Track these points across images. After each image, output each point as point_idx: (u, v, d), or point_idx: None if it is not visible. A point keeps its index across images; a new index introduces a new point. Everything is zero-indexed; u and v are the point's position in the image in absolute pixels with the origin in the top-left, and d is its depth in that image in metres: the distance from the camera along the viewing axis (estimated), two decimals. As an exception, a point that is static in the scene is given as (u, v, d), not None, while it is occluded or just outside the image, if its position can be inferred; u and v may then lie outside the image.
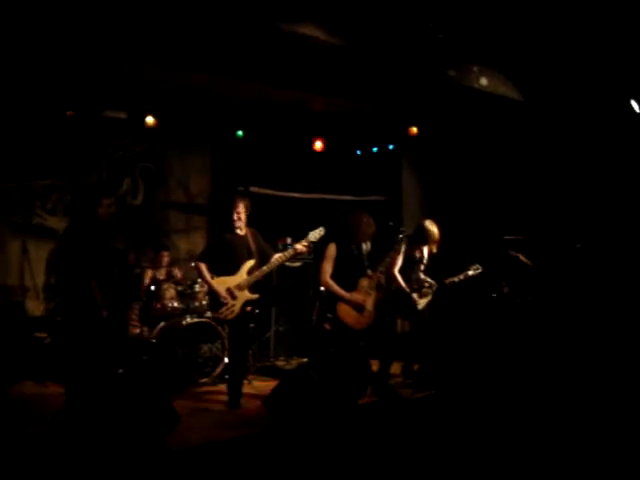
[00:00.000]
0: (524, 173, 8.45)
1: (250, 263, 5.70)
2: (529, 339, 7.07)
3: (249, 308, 5.73)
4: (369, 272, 5.73)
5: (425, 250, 6.58)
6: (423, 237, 6.49)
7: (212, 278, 5.67)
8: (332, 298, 5.71)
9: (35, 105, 7.12)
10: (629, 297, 7.19)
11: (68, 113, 7.20)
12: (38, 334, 6.74)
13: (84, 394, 4.61)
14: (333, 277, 5.65)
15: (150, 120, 7.59)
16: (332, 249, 5.68)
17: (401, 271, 6.39)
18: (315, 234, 5.74)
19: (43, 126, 7.45)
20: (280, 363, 7.43)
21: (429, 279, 6.56)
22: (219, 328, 6.54)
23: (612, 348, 6.71)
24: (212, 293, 5.68)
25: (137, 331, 6.78)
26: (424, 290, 6.50)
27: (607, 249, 7.58)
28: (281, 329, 7.68)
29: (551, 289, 7.60)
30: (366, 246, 5.83)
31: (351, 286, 5.66)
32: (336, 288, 5.61)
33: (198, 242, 8.41)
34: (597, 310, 7.19)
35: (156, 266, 7.24)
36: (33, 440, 4.27)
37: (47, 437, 4.05)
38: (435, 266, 6.70)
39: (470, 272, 6.72)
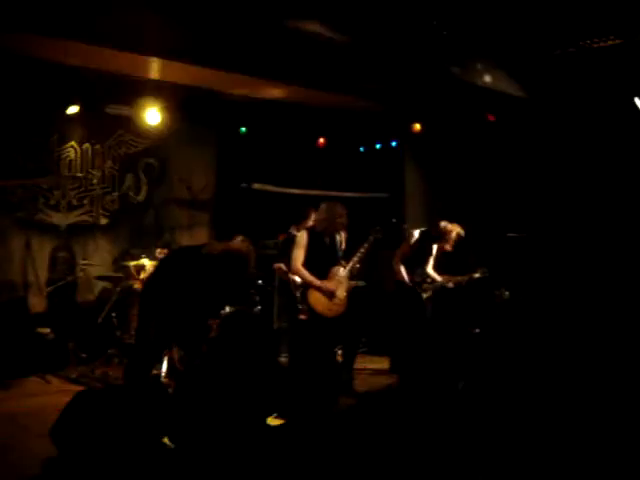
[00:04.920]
0: (528, 170, 8.42)
1: None
2: (526, 342, 7.01)
3: None
4: (342, 262, 5.78)
5: (434, 247, 6.61)
6: (436, 234, 6.55)
7: None
8: (304, 287, 5.77)
9: (38, 102, 7.11)
10: (630, 297, 7.17)
11: (72, 109, 7.18)
12: (40, 330, 6.74)
13: None
14: (306, 265, 5.68)
15: (153, 116, 7.57)
16: (304, 237, 5.73)
17: (407, 263, 6.43)
18: None
19: (46, 123, 7.44)
20: (283, 359, 7.41)
21: (435, 275, 6.56)
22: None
23: (610, 349, 6.65)
24: None
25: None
26: (425, 285, 6.51)
27: (611, 247, 7.56)
28: (284, 325, 7.65)
29: (552, 288, 7.58)
30: (340, 236, 5.86)
31: (323, 275, 5.70)
32: (307, 275, 5.64)
33: (201, 238, 8.39)
34: (597, 309, 7.17)
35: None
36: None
37: None
38: (440, 266, 6.69)
39: (476, 275, 6.66)
